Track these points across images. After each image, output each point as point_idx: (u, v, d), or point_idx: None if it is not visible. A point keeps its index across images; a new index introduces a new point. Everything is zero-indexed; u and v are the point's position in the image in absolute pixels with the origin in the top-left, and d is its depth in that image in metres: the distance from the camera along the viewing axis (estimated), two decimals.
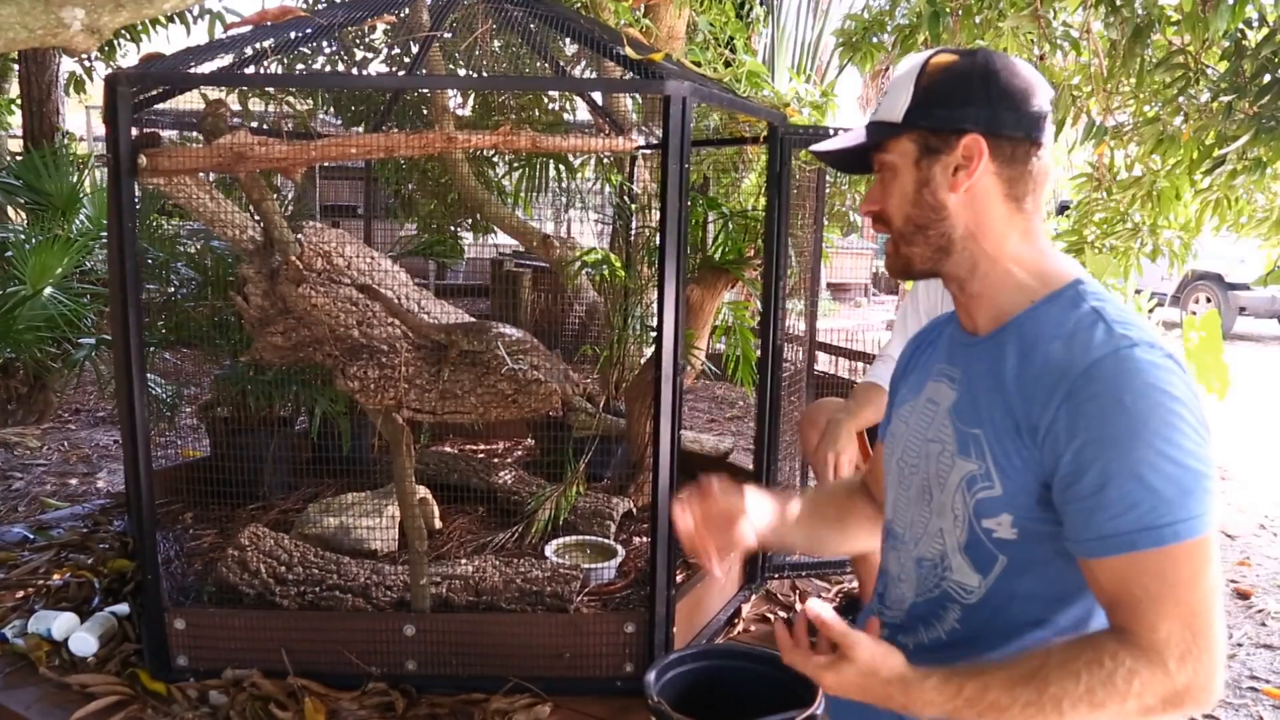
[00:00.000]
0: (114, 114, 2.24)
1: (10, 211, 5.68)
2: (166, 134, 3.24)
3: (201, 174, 2.54)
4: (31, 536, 3.36)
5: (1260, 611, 3.44)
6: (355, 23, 2.91)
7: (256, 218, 2.63)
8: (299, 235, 2.62)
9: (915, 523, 1.23)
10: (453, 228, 5.06)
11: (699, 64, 3.53)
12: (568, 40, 3.39)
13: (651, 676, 2.08)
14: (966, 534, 1.14)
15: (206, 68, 2.55)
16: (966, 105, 1.14)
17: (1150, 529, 0.97)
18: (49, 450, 4.94)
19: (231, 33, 2.71)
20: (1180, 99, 3.45)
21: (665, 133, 2.24)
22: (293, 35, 2.61)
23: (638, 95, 4.20)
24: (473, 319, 2.63)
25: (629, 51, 2.41)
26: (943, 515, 1.17)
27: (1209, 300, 11.31)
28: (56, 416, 5.51)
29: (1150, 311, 5.58)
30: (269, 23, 2.60)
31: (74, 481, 4.44)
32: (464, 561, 2.85)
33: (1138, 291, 5.82)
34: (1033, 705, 0.98)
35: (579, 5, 3.74)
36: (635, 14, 3.72)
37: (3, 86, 7.27)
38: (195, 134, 3.03)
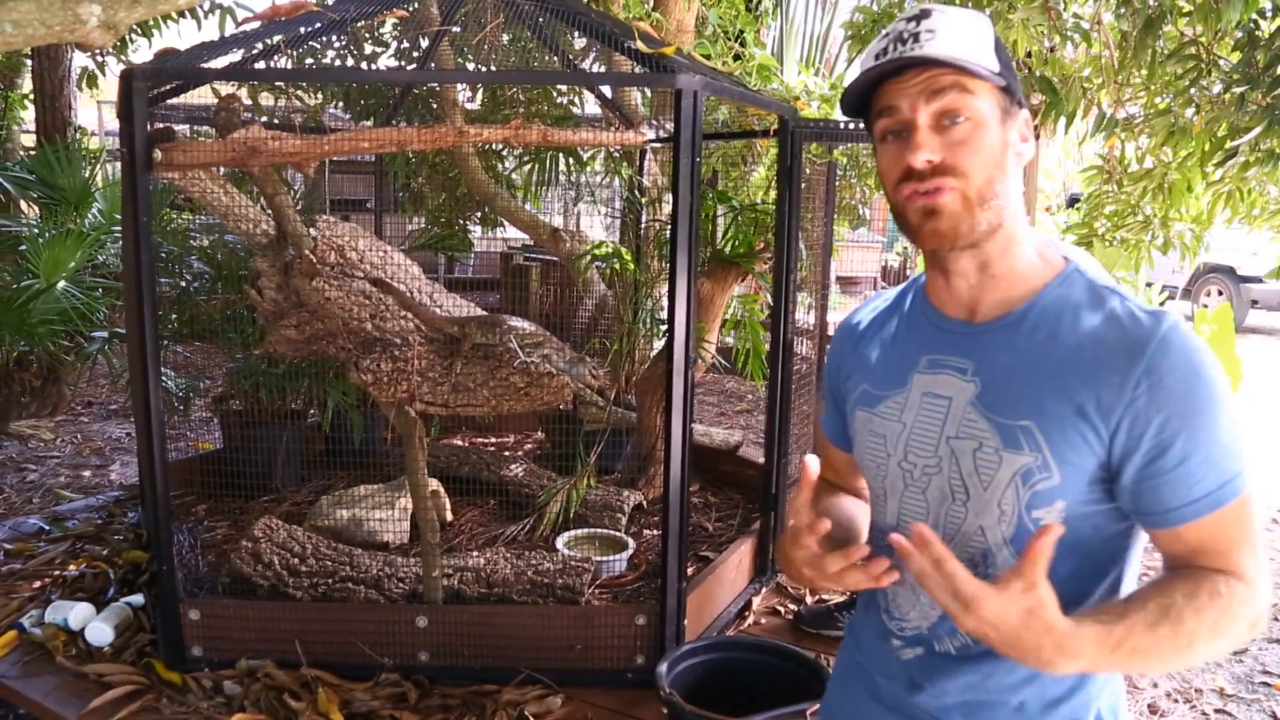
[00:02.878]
0: (130, 109, 2.26)
1: (24, 205, 5.71)
2: (180, 128, 3.26)
3: (215, 168, 2.55)
4: (47, 528, 3.39)
5: (1273, 606, 3.43)
6: (367, 17, 2.92)
7: (269, 212, 2.65)
8: (312, 229, 2.63)
9: (942, 525, 1.15)
10: (462, 221, 5.07)
11: (708, 57, 3.53)
12: (577, 33, 3.39)
13: (664, 668, 2.10)
14: (1015, 528, 1.09)
15: (219, 63, 2.56)
16: (1014, 75, 1.10)
17: (1228, 484, 1.02)
18: (62, 443, 4.98)
19: (244, 28, 2.72)
20: (1192, 90, 3.43)
21: (676, 126, 2.24)
22: (303, 30, 2.62)
23: (647, 89, 4.20)
24: (485, 312, 2.64)
25: (640, 45, 2.41)
26: (985, 513, 1.10)
27: (1220, 293, 11.26)
28: (69, 409, 5.55)
29: (1162, 304, 5.57)
30: (282, 18, 2.61)
31: (87, 474, 4.47)
32: (475, 554, 2.86)
33: (1149, 284, 5.81)
34: (1166, 641, 0.99)
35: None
36: (645, 7, 3.72)
37: (15, 81, 7.30)
38: (208, 128, 3.05)
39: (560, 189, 4.79)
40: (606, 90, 4.13)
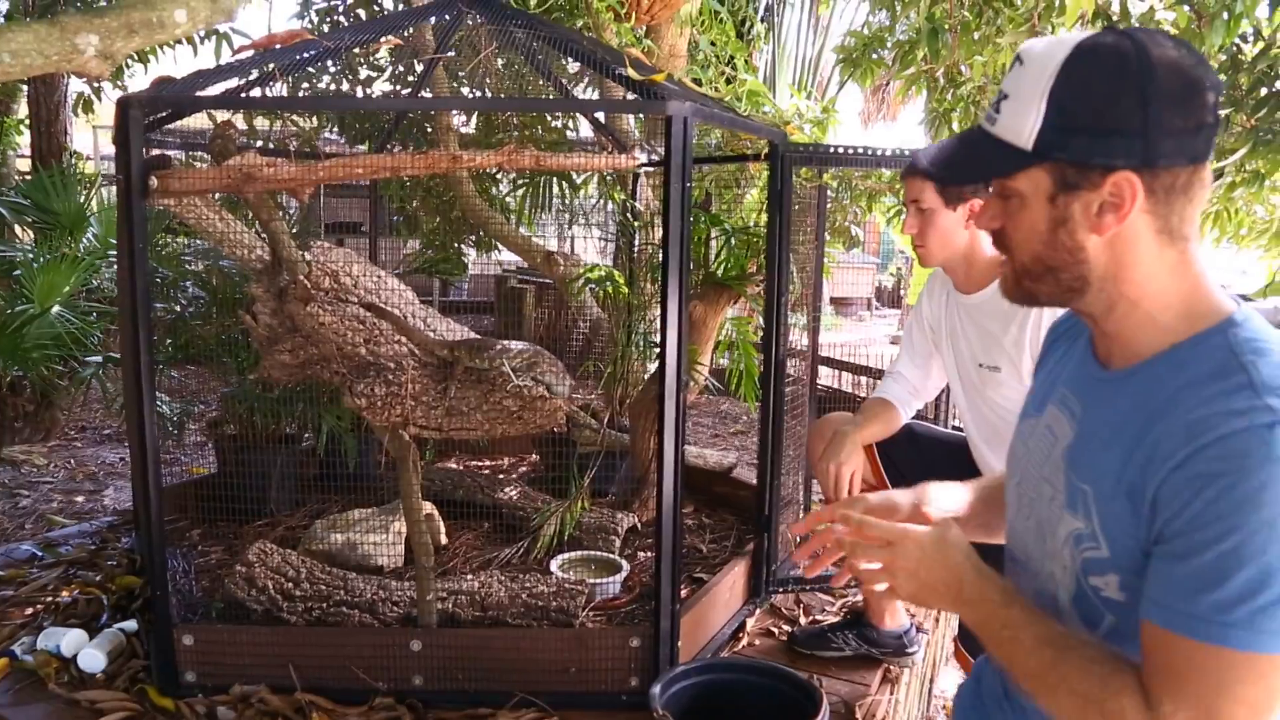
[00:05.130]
0: (126, 136, 2.27)
1: (18, 231, 5.72)
2: (175, 154, 3.28)
3: (210, 194, 2.57)
4: (40, 554, 3.38)
5: None
6: (361, 44, 2.95)
7: (264, 237, 2.66)
8: (306, 254, 2.65)
9: (1033, 557, 1.14)
10: (457, 245, 5.09)
11: (700, 82, 3.56)
12: (570, 60, 3.43)
13: (657, 690, 2.10)
14: (1074, 587, 1.05)
15: (215, 90, 2.59)
16: (1115, 133, 0.93)
17: (1212, 623, 0.87)
18: (56, 468, 4.97)
19: (239, 56, 2.75)
20: None
21: (667, 152, 2.26)
22: (299, 57, 2.65)
23: (640, 114, 4.24)
24: (477, 335, 2.65)
25: (631, 72, 2.44)
26: (1054, 560, 1.08)
27: None
28: (63, 434, 5.54)
29: None
30: (278, 46, 2.64)
31: (81, 499, 4.46)
32: (470, 577, 2.87)
33: None
34: (1040, 669, 0.97)
35: (581, 26, 3.78)
36: (636, 33, 3.76)
37: (11, 107, 7.34)
38: (203, 154, 3.07)
39: (554, 213, 4.83)
40: (600, 115, 4.17)
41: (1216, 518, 0.87)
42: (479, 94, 4.25)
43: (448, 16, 3.10)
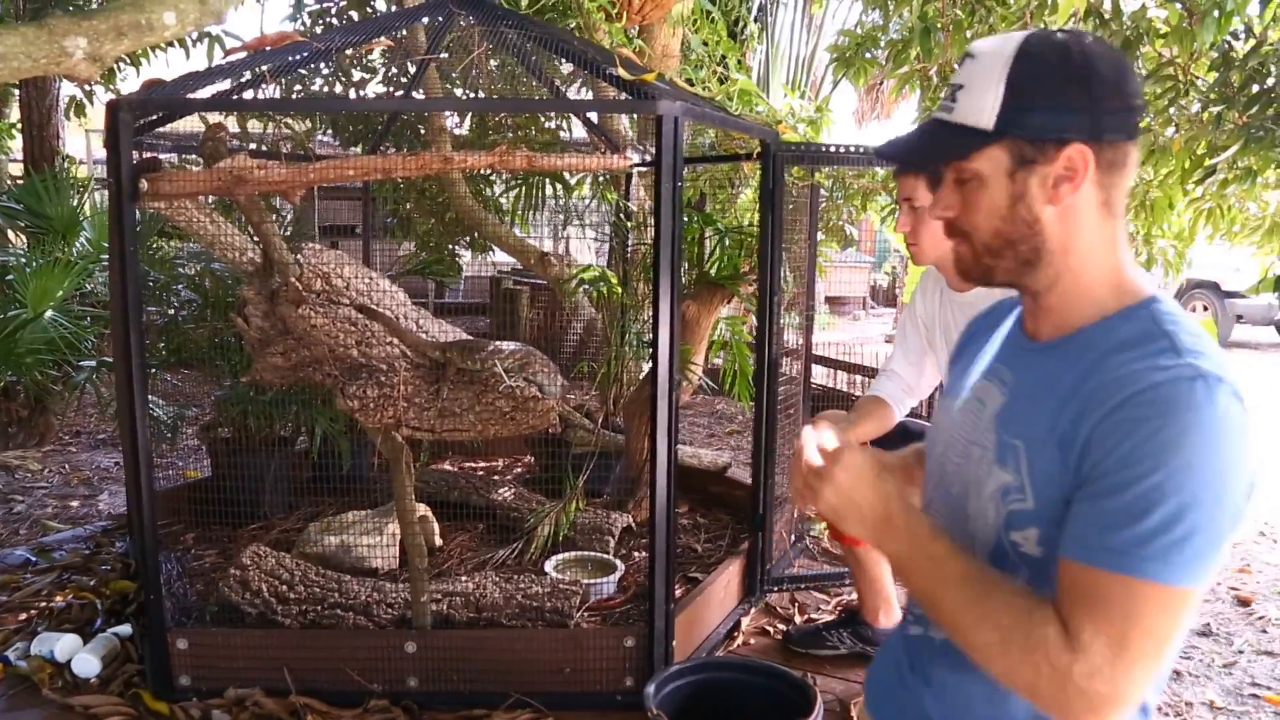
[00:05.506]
0: (115, 139, 2.27)
1: (11, 235, 5.71)
2: (167, 157, 3.27)
3: (201, 197, 2.57)
4: (34, 559, 3.37)
5: (1261, 619, 3.44)
6: (352, 45, 2.95)
7: (256, 240, 2.66)
8: (298, 257, 2.65)
9: (952, 525, 1.19)
10: (452, 246, 5.09)
11: (693, 82, 3.56)
12: (561, 60, 3.43)
13: (651, 689, 2.10)
14: (994, 543, 1.11)
15: (206, 92, 2.58)
16: (1067, 110, 1.04)
17: (1128, 555, 0.94)
18: (50, 473, 4.95)
19: (230, 58, 2.74)
20: (1171, 110, 3.48)
21: (658, 151, 2.27)
22: (291, 59, 2.64)
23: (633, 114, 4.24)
24: (470, 337, 2.65)
25: (621, 72, 2.44)
26: (976, 521, 1.14)
27: (1206, 308, 11.32)
28: (57, 439, 5.52)
29: None
30: (267, 48, 2.63)
31: (75, 504, 4.45)
32: (464, 578, 2.86)
33: None
34: (964, 604, 1.02)
35: (573, 26, 3.78)
36: (629, 34, 3.76)
37: (3, 111, 7.33)
38: (195, 156, 3.07)
39: (549, 213, 4.83)
40: (593, 116, 4.16)
41: (1141, 458, 0.94)
42: (471, 95, 4.25)
43: (440, 18, 3.10)
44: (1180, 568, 0.93)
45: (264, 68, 2.59)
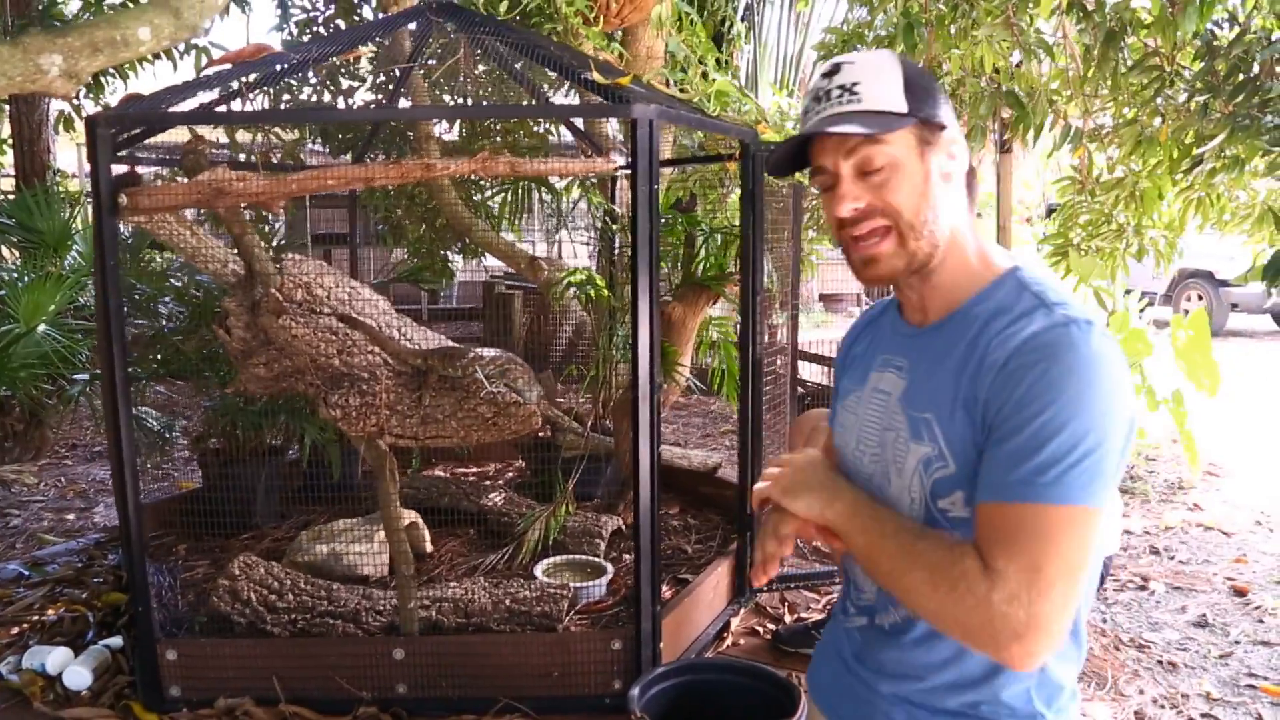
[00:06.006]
0: (95, 154, 2.28)
1: (3, 250, 5.72)
2: (152, 170, 3.28)
3: (183, 210, 2.57)
4: (27, 573, 3.38)
5: (1257, 608, 3.44)
6: (330, 56, 2.95)
7: (237, 252, 2.67)
8: (278, 266, 2.65)
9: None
10: (443, 252, 5.09)
11: (678, 84, 3.57)
12: (538, 65, 3.43)
13: (635, 692, 2.10)
14: (923, 515, 1.18)
15: (186, 105, 2.59)
16: (935, 100, 1.17)
17: (1028, 484, 1.03)
18: (46, 486, 4.97)
19: (209, 71, 2.75)
20: (1157, 100, 3.48)
21: (633, 154, 2.27)
22: (270, 70, 2.65)
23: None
24: (451, 343, 2.66)
25: (596, 77, 2.45)
26: (900, 499, 1.21)
27: (1200, 298, 11.30)
28: (53, 453, 5.54)
29: (1141, 310, 5.60)
30: (244, 60, 2.64)
31: (71, 517, 4.46)
32: (454, 584, 2.87)
33: (1128, 291, 5.84)
34: (899, 551, 1.10)
35: (552, 32, 3.78)
36: (613, 37, 3.76)
37: None
38: (179, 169, 3.08)
39: (538, 217, 4.83)
40: (578, 120, 4.17)
41: (1033, 398, 1.04)
42: (454, 102, 4.25)
43: (419, 25, 3.11)
44: (1078, 489, 1.02)
45: (243, 79, 2.60)
